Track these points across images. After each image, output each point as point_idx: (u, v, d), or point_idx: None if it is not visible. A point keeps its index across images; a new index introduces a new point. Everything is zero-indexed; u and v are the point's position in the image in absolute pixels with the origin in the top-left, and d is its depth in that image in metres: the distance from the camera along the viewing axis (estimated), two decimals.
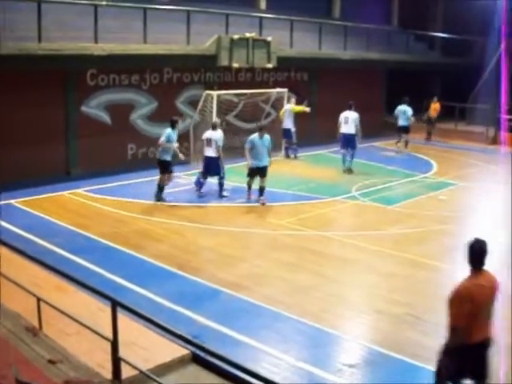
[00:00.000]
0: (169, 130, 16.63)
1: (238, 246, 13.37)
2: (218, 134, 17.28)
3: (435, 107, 29.38)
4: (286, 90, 23.48)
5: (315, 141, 24.88)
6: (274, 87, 23.79)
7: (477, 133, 29.28)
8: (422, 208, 17.02)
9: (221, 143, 17.16)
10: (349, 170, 20.99)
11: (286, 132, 22.98)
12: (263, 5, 28.18)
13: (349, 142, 20.97)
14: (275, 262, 12.44)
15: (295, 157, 23.30)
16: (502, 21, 29.10)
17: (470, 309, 6.52)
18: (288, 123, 22.82)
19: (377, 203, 17.27)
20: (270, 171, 19.41)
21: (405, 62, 30.43)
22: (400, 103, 25.31)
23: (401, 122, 25.15)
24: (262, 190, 16.88)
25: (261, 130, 17.02)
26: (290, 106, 22.92)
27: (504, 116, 28.46)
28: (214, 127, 17.48)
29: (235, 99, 22.34)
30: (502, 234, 14.33)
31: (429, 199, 18.17)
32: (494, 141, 28.80)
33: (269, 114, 24.37)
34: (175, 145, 16.69)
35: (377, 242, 13.89)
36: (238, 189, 18.04)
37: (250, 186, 17.17)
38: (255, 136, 16.89)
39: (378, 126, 28.67)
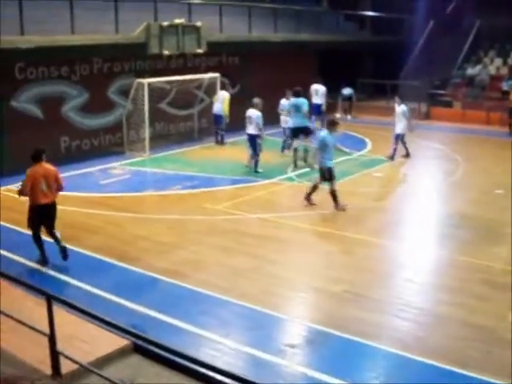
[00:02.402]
0: (324, 133, 15.12)
1: (174, 233, 13.31)
2: (257, 113, 18.16)
3: None
4: (218, 74, 23.42)
5: None
6: (205, 73, 23.66)
7: (410, 109, 29.61)
8: (358, 186, 17.29)
9: (260, 121, 18.08)
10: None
11: (217, 118, 22.82)
12: None
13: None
14: (212, 247, 12.46)
15: (222, 142, 23.00)
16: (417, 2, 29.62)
17: (33, 182, 10.95)
18: (219, 109, 22.62)
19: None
20: (204, 156, 19.57)
21: (335, 42, 30.58)
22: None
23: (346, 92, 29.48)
24: (335, 195, 14.90)
25: (333, 124, 15.21)
26: (225, 95, 22.64)
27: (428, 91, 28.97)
28: (253, 106, 18.46)
29: (167, 86, 22.17)
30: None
31: (364, 177, 18.46)
32: (427, 116, 29.36)
33: (202, 100, 24.31)
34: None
35: (314, 221, 14.09)
36: (172, 176, 18.10)
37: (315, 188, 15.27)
38: (325, 133, 15.00)
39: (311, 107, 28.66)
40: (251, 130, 18.39)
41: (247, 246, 12.54)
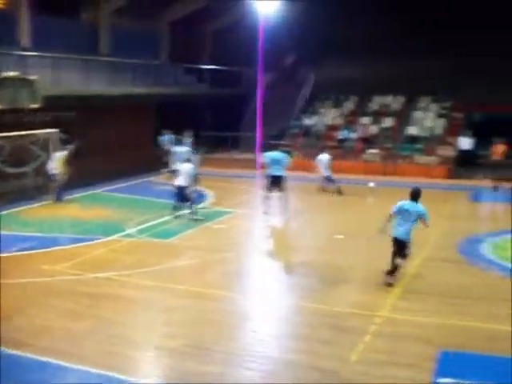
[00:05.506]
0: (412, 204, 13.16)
1: (11, 297, 12.55)
2: (190, 165, 19.46)
3: (498, 149, 27.10)
4: (54, 130, 22.82)
5: (88, 180, 24.27)
6: (42, 128, 22.97)
7: (250, 160, 30.16)
8: (199, 239, 17.21)
9: (193, 172, 19.43)
10: None
11: (51, 176, 22.21)
12: (27, 43, 27.26)
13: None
14: (52, 310, 11.86)
15: (60, 200, 22.26)
16: (259, 54, 30.46)
17: None
18: (51, 167, 22.10)
19: (154, 238, 17.23)
20: (41, 215, 18.83)
21: (174, 95, 30.78)
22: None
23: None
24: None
25: (418, 194, 13.23)
26: (57, 155, 22.15)
27: (264, 141, 29.57)
28: (187, 161, 19.75)
29: (0, 142, 21.31)
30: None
31: (206, 229, 18.39)
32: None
33: (38, 157, 23.50)
34: None
35: (155, 277, 13.79)
36: (7, 238, 17.09)
37: (396, 268, 13.33)
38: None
39: (149, 160, 28.43)
40: (180, 181, 19.19)
41: (88, 307, 12.05)
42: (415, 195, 13.09)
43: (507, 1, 29.66)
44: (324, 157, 24.92)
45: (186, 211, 19.44)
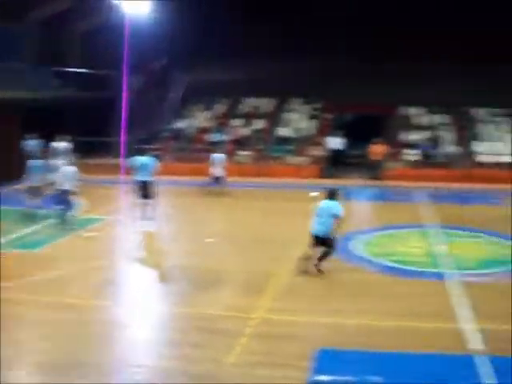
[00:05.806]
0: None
1: None
2: (73, 169, 18.84)
3: (377, 149, 27.94)
4: None
5: None
6: None
7: (119, 165, 29.54)
8: (71, 248, 16.73)
9: (77, 176, 18.74)
10: None
11: None
12: None
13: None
14: None
15: None
16: (125, 56, 30.00)
17: None
18: None
19: (23, 249, 16.49)
20: None
21: (40, 99, 29.69)
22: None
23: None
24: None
25: (335, 194, 14.53)
26: None
27: (132, 146, 28.99)
28: (69, 164, 19.31)
29: None
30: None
31: (77, 237, 17.84)
32: None
33: None
34: None
35: (26, 290, 13.09)
36: None
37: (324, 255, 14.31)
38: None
39: (15, 167, 26.96)
40: (63, 185, 18.55)
41: None
42: (331, 194, 14.38)
43: (374, 4, 30.63)
44: (219, 156, 24.86)
45: (58, 219, 18.72)
